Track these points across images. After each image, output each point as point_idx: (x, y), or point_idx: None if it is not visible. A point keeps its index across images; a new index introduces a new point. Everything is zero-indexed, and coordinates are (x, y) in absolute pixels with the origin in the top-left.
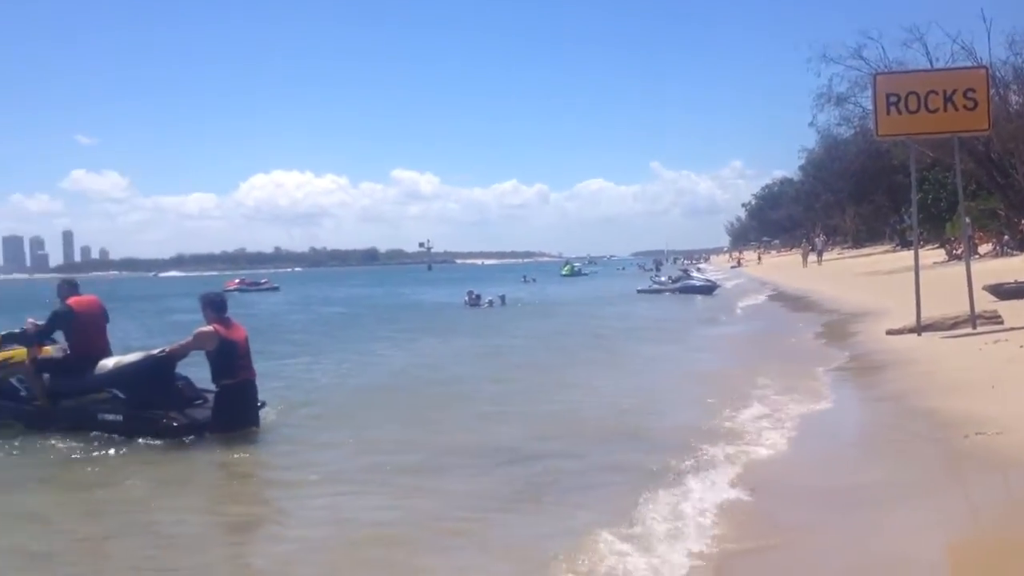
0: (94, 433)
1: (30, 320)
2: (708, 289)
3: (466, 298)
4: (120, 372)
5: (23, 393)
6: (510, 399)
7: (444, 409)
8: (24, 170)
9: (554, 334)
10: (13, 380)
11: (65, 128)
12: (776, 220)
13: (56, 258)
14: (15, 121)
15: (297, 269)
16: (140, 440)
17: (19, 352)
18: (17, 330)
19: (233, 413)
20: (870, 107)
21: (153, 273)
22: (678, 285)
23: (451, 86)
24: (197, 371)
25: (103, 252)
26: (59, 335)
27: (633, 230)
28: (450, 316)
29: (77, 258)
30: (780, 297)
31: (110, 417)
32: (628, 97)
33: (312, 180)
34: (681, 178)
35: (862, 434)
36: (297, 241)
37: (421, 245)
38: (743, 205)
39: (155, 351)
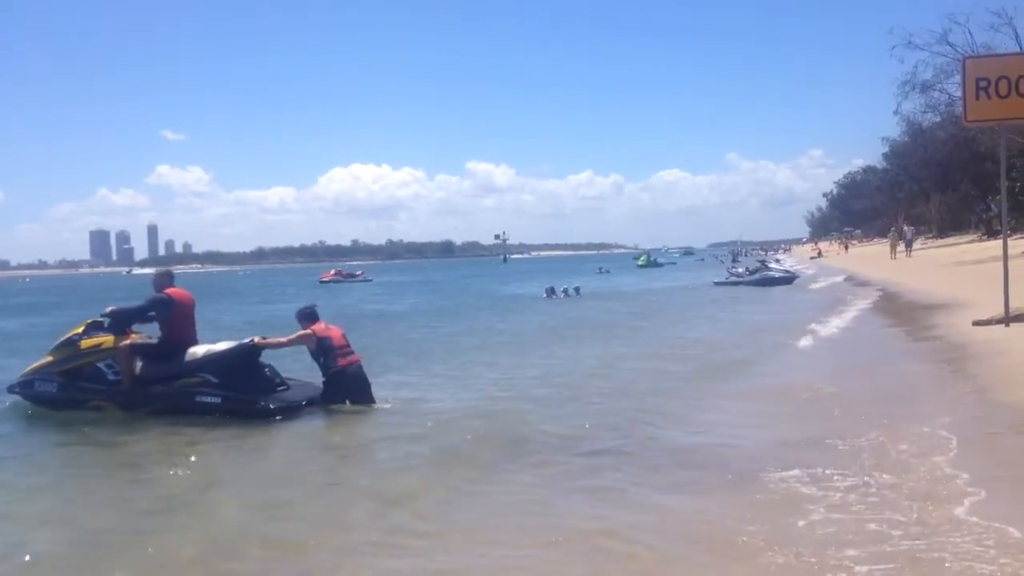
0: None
1: (109, 308)
2: (787, 280)
3: (544, 293)
4: (212, 358)
5: (111, 377)
6: None
7: None
8: (111, 165)
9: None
10: (101, 365)
11: (152, 124)
12: (858, 210)
13: (141, 252)
14: (104, 117)
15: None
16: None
17: (108, 339)
18: (100, 318)
19: (345, 393)
20: (956, 94)
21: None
22: (756, 276)
23: (526, 78)
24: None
25: (187, 246)
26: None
27: (710, 221)
28: (538, 307)
29: (162, 251)
30: (854, 281)
31: (208, 399)
32: (704, 86)
33: (389, 173)
34: (759, 168)
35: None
36: (374, 234)
37: (496, 237)
38: (824, 195)
39: (245, 340)
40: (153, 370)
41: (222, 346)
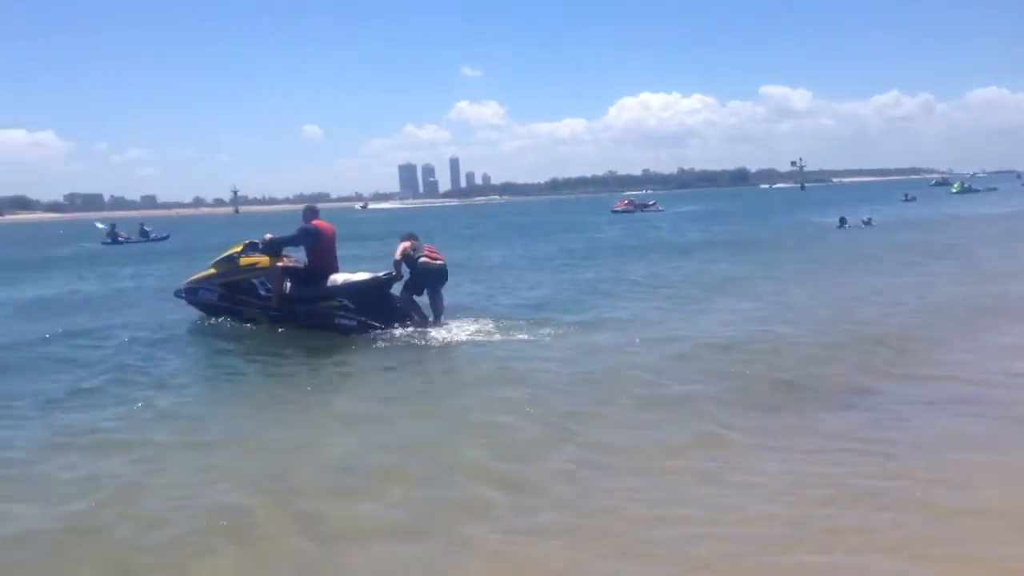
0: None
1: (267, 236)
2: None
3: (838, 222)
4: (350, 286)
5: (262, 293)
6: None
7: None
8: (416, 103)
9: None
10: (255, 281)
11: (452, 62)
12: None
13: (444, 184)
14: (409, 57)
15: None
16: None
17: (263, 259)
18: (257, 241)
19: (422, 287)
20: None
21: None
22: None
23: None
24: None
25: (485, 178)
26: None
27: None
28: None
29: (463, 184)
30: None
31: (345, 322)
32: None
33: (679, 100)
34: None
35: None
36: (664, 163)
37: (793, 164)
38: None
39: (380, 273)
40: (300, 291)
41: (359, 276)
